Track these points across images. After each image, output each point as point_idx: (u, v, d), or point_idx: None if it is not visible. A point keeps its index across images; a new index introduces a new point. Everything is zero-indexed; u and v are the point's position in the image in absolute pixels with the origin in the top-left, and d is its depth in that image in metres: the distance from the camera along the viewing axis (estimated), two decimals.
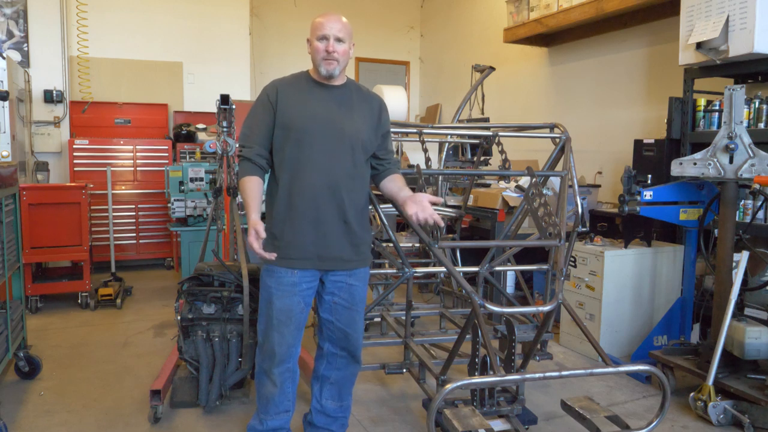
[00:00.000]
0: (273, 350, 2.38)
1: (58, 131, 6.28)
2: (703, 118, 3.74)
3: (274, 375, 2.41)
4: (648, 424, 2.22)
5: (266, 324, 2.38)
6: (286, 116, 2.28)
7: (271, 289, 2.34)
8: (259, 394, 2.48)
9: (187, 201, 5.07)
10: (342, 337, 2.45)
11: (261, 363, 2.45)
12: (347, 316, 2.42)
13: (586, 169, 5.33)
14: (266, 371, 2.43)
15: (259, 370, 2.47)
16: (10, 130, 3.18)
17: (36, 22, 6.15)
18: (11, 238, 3.31)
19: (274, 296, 2.33)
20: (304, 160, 2.27)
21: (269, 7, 7.88)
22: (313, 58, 2.29)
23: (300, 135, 2.27)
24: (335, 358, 2.50)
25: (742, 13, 3.27)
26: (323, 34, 2.25)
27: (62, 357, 3.73)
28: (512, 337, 2.61)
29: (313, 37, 2.28)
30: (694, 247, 3.57)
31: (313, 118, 2.29)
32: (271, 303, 2.34)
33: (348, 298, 2.41)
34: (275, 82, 2.37)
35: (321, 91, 2.33)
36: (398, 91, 6.42)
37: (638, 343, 3.76)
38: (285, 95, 2.31)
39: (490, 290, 3.89)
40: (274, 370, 2.41)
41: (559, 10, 5.12)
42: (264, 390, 2.45)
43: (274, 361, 2.39)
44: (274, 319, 2.34)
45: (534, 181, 2.60)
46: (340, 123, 2.31)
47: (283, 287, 2.32)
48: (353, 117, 2.34)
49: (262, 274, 2.39)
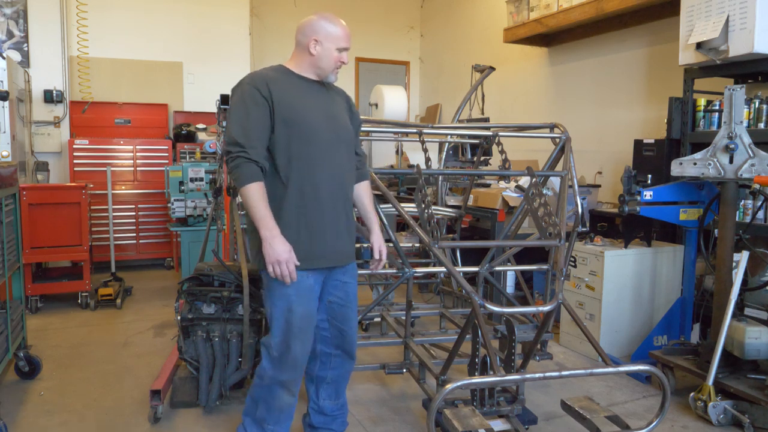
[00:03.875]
0: (296, 360, 2.28)
1: (58, 131, 6.28)
2: (703, 118, 3.74)
3: (294, 385, 2.34)
4: (648, 424, 2.22)
5: (286, 334, 2.24)
6: (290, 111, 2.20)
7: (291, 296, 2.21)
8: (269, 405, 2.34)
9: (187, 201, 5.07)
10: (338, 335, 2.44)
11: (278, 376, 2.29)
12: (343, 314, 2.42)
13: (586, 169, 5.33)
14: (284, 383, 2.30)
15: (272, 383, 2.31)
16: (10, 130, 3.18)
17: (36, 22, 6.15)
18: (11, 238, 3.31)
19: (294, 303, 2.22)
20: (314, 157, 2.23)
21: (269, 7, 7.88)
22: (321, 61, 2.27)
23: (306, 130, 2.21)
24: (330, 358, 2.47)
25: (742, 13, 3.27)
26: (345, 46, 2.28)
27: (62, 357, 3.73)
28: (512, 337, 2.61)
29: (331, 44, 2.25)
30: (694, 247, 3.57)
31: (313, 113, 2.25)
32: (292, 311, 2.22)
33: (343, 296, 2.41)
34: (259, 77, 2.22)
35: (309, 86, 2.31)
36: (398, 91, 6.43)
37: (638, 343, 3.76)
38: (279, 90, 2.20)
39: (490, 290, 3.89)
40: (296, 380, 2.33)
41: (559, 10, 5.12)
42: (278, 402, 2.33)
43: (297, 371, 2.31)
44: (295, 327, 2.23)
45: (534, 181, 2.60)
46: (334, 118, 2.33)
47: (302, 292, 2.24)
48: (341, 112, 2.38)
49: (274, 283, 2.22)
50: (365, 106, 7.72)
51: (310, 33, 2.25)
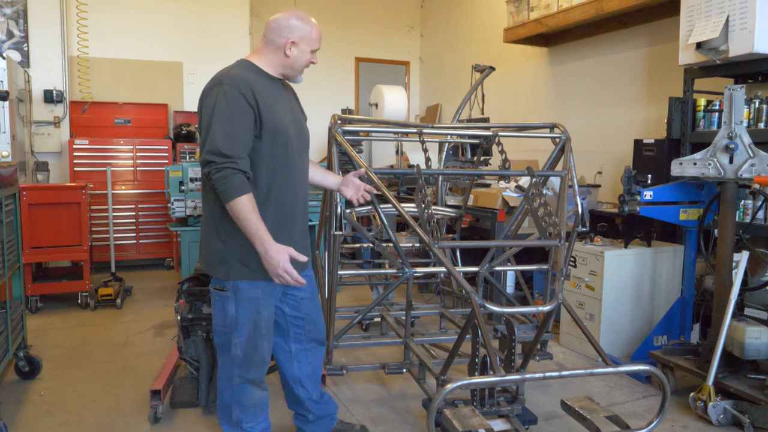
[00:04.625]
0: (264, 358, 2.32)
1: (58, 131, 6.29)
2: (703, 118, 3.74)
3: (262, 380, 2.37)
4: (648, 424, 2.22)
5: (252, 335, 2.25)
6: (274, 120, 2.15)
7: (259, 300, 2.23)
8: (243, 405, 2.34)
9: (187, 201, 5.06)
10: (312, 329, 2.51)
11: (244, 374, 2.30)
12: (314, 307, 2.50)
13: (586, 169, 5.33)
14: (253, 381, 2.33)
15: (240, 383, 2.31)
16: (10, 130, 3.18)
17: (36, 22, 6.15)
18: (11, 238, 3.31)
19: (262, 306, 2.24)
20: (289, 164, 2.24)
21: (269, 7, 7.88)
22: (295, 62, 2.22)
23: (285, 138, 2.20)
24: (305, 354, 2.51)
25: (742, 13, 3.27)
26: (318, 47, 2.26)
27: (62, 357, 3.73)
28: (512, 337, 2.61)
29: (307, 46, 2.21)
30: (694, 247, 3.57)
31: (287, 118, 2.24)
32: (260, 313, 2.25)
33: (310, 290, 2.48)
34: (242, 81, 2.11)
35: (278, 87, 2.27)
36: (398, 91, 6.43)
37: (638, 343, 3.76)
38: (262, 96, 2.13)
39: (490, 290, 3.89)
40: (263, 376, 2.37)
41: (559, 10, 5.12)
42: (251, 399, 2.34)
43: (263, 368, 2.35)
44: (263, 328, 2.27)
45: (534, 181, 2.60)
46: (299, 120, 2.36)
47: (268, 296, 2.27)
48: (298, 112, 2.41)
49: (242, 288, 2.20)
50: (365, 106, 7.73)
51: (287, 33, 2.18)
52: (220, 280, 2.23)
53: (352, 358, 3.78)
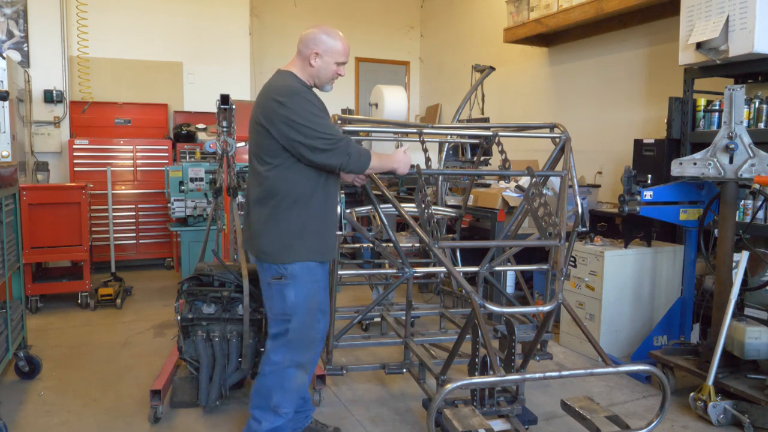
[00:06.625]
0: (315, 340, 2.51)
1: (58, 131, 6.29)
2: (703, 118, 3.74)
3: (312, 364, 2.53)
4: (648, 424, 2.22)
5: (308, 316, 2.42)
6: None
7: (318, 282, 2.45)
8: (286, 389, 2.43)
9: (187, 201, 5.07)
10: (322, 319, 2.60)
11: (296, 358, 2.43)
12: (326, 298, 2.64)
13: (586, 169, 5.33)
14: (302, 364, 2.46)
15: (289, 366, 2.42)
16: (10, 130, 3.18)
17: (36, 22, 6.15)
18: (11, 238, 3.31)
19: (320, 288, 2.47)
20: None
21: (269, 7, 7.89)
22: (320, 72, 2.40)
23: None
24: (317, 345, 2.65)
25: (742, 13, 3.27)
26: (344, 60, 2.43)
27: (62, 357, 3.73)
28: (512, 337, 2.61)
29: (330, 58, 2.39)
30: (694, 247, 3.57)
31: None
32: (315, 296, 2.44)
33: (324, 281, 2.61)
34: (310, 90, 2.41)
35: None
36: (398, 91, 6.42)
37: (638, 343, 3.76)
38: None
39: (490, 290, 3.89)
40: (315, 359, 2.55)
41: (559, 10, 5.12)
42: (294, 383, 2.44)
43: (313, 350, 2.51)
44: (316, 311, 2.47)
45: (534, 181, 2.60)
46: None
47: (324, 279, 2.53)
48: None
49: (302, 271, 2.37)
50: (365, 106, 7.73)
51: (312, 45, 2.38)
52: (279, 268, 2.36)
53: (353, 358, 3.78)
